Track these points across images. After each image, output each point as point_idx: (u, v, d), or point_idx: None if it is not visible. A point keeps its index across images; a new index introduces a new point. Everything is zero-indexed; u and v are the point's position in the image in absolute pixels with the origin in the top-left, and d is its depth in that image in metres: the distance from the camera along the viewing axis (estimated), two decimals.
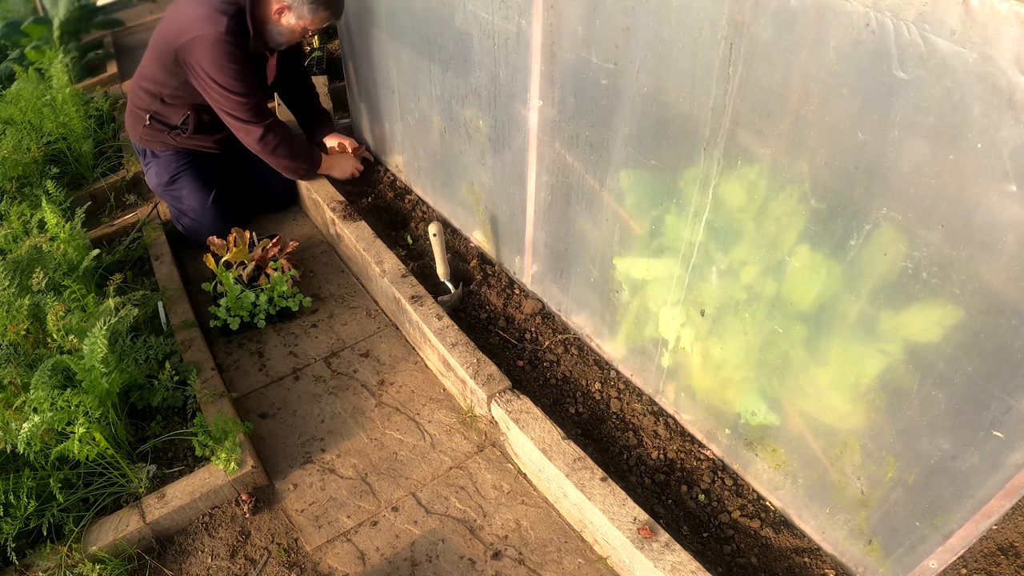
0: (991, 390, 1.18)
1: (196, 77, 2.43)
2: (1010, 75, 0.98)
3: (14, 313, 1.98)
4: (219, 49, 2.34)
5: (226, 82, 2.40)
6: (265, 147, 2.60)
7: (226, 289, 2.41)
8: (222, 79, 2.40)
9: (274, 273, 2.49)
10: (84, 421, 1.72)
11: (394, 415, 2.16)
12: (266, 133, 2.57)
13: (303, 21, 2.43)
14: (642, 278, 1.86)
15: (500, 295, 2.44)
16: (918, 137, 1.12)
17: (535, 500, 1.91)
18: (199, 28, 2.34)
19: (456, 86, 2.27)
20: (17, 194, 2.89)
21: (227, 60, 2.37)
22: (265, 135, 2.57)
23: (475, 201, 2.49)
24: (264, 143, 2.59)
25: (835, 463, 1.54)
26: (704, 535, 1.76)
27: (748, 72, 1.32)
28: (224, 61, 2.36)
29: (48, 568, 1.71)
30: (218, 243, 2.54)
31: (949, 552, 1.39)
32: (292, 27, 2.45)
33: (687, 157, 1.54)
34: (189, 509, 1.86)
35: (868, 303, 1.32)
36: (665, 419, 2.00)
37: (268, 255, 2.56)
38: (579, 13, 1.64)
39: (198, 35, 2.34)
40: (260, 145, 2.59)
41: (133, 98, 2.67)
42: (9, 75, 3.94)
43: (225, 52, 2.35)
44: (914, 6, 1.04)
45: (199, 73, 2.40)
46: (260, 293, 2.44)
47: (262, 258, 2.55)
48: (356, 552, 1.81)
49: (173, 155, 2.70)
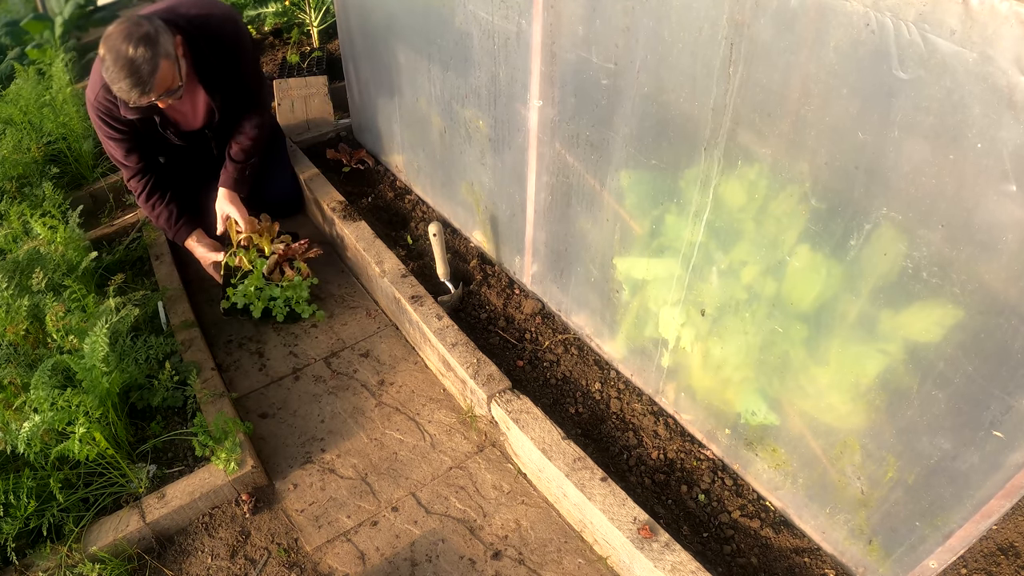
0: (991, 390, 1.18)
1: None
2: (1010, 75, 0.98)
3: (14, 313, 1.98)
4: (93, 117, 2.33)
5: (105, 145, 2.41)
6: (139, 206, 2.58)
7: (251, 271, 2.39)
8: (101, 143, 2.41)
9: (294, 274, 2.48)
10: (84, 421, 1.72)
11: (394, 415, 2.16)
12: (138, 194, 2.51)
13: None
14: (642, 278, 1.86)
15: (500, 295, 2.44)
16: (918, 137, 1.12)
17: (535, 500, 1.91)
18: (88, 89, 2.32)
19: (456, 86, 2.27)
20: (17, 194, 2.89)
21: (98, 129, 2.36)
22: (138, 196, 2.52)
23: (475, 201, 2.49)
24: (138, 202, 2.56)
25: (835, 463, 1.54)
26: (704, 535, 1.76)
27: (748, 72, 1.32)
28: (96, 129, 2.37)
29: (48, 568, 1.71)
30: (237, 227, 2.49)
31: (949, 552, 1.39)
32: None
33: (687, 157, 1.54)
34: (189, 509, 1.86)
35: (868, 303, 1.32)
36: (665, 419, 2.00)
37: (293, 253, 2.53)
38: (579, 13, 1.64)
39: (86, 96, 2.34)
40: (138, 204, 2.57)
41: None
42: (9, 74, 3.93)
43: (95, 122, 2.33)
44: (914, 6, 1.04)
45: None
46: (283, 290, 2.44)
47: (285, 254, 2.52)
48: (356, 552, 1.81)
49: None
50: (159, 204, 2.52)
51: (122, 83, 2.01)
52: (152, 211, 2.54)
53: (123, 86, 2.02)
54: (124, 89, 2.03)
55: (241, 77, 2.44)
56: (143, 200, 2.52)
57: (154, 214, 2.55)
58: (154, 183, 2.49)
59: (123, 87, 2.02)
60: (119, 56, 1.99)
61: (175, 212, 2.55)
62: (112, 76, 2.01)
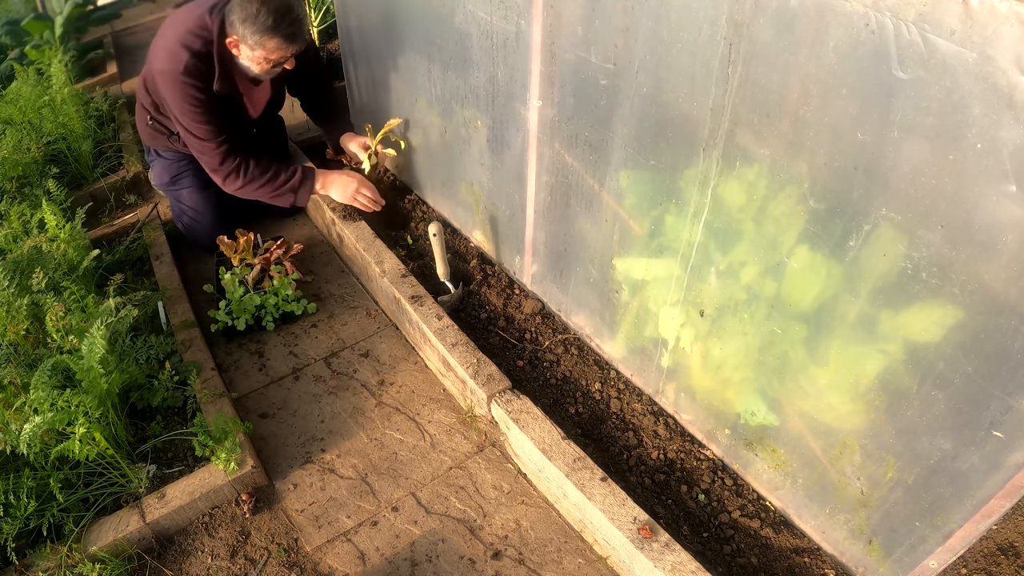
0: (991, 390, 1.18)
1: (166, 108, 2.39)
2: (1010, 75, 0.97)
3: (14, 313, 1.98)
4: (179, 90, 2.27)
5: (186, 122, 2.35)
6: (233, 190, 2.50)
7: (229, 290, 2.41)
8: (183, 119, 2.34)
9: (278, 276, 2.49)
10: (84, 421, 1.72)
11: (394, 415, 2.16)
12: (228, 175, 2.45)
13: (257, 52, 2.25)
14: (642, 278, 1.86)
15: (500, 295, 2.44)
16: (918, 137, 1.12)
17: (535, 500, 1.91)
18: (164, 61, 2.27)
19: (456, 86, 2.27)
20: (17, 194, 2.89)
21: (184, 101, 2.29)
22: (227, 177, 2.46)
23: (475, 201, 2.49)
24: (228, 186, 2.49)
25: (835, 463, 1.54)
26: (704, 535, 1.76)
27: (747, 72, 1.32)
28: (183, 102, 2.29)
29: (48, 568, 1.71)
30: (227, 243, 2.54)
31: (949, 552, 1.39)
32: (253, 59, 2.28)
33: (686, 157, 1.54)
34: (189, 509, 1.86)
35: (868, 303, 1.32)
36: (665, 419, 2.00)
37: (272, 257, 2.56)
38: (578, 13, 1.64)
39: (161, 69, 2.28)
40: (229, 189, 2.51)
41: (140, 94, 2.62)
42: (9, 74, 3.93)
43: (184, 93, 2.27)
44: (914, 6, 1.04)
45: (166, 106, 2.37)
46: (266, 296, 2.44)
47: (266, 260, 2.54)
48: (356, 552, 1.82)
49: (174, 156, 2.70)
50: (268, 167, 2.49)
51: (281, 33, 2.16)
52: (262, 177, 2.47)
53: (284, 34, 2.17)
54: (288, 36, 2.19)
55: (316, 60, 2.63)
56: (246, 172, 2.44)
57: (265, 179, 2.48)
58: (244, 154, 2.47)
59: (283, 37, 2.17)
60: (282, 4, 2.14)
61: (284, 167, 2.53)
62: (270, 25, 2.14)
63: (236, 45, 2.27)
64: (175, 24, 2.33)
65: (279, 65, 2.34)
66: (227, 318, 2.40)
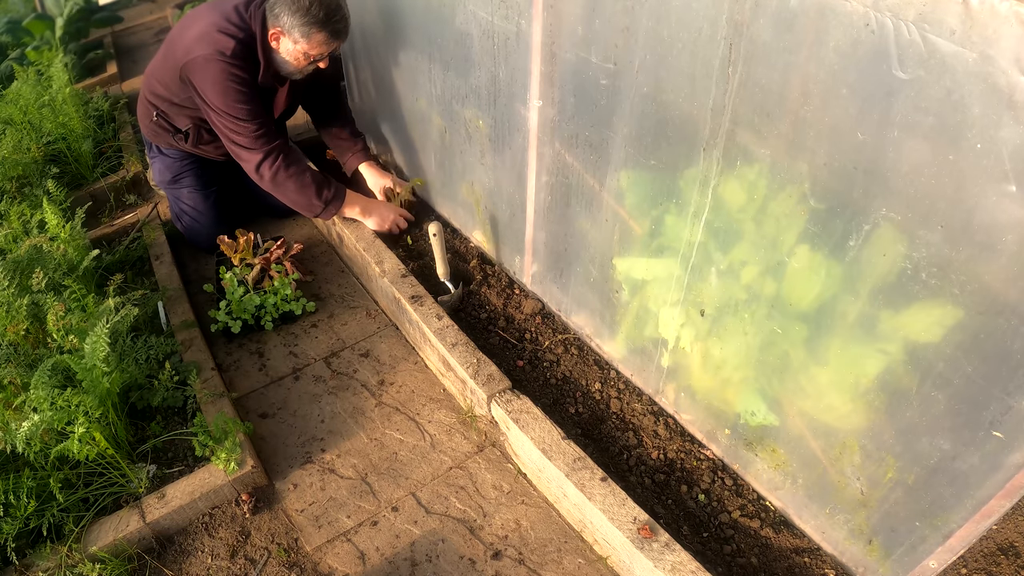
0: (991, 390, 1.18)
1: (199, 98, 2.34)
2: (1010, 75, 0.97)
3: (14, 313, 1.98)
4: (221, 70, 2.23)
5: (227, 105, 2.28)
6: (262, 177, 2.42)
7: (229, 290, 2.41)
8: (223, 102, 2.28)
9: (277, 276, 2.49)
10: (84, 421, 1.72)
11: (394, 415, 2.16)
12: (264, 159, 2.38)
13: (300, 46, 2.24)
14: (642, 278, 1.86)
15: (500, 295, 2.44)
16: (918, 137, 1.12)
17: (535, 500, 1.91)
18: (203, 47, 2.23)
19: (456, 86, 2.27)
20: (17, 194, 2.89)
21: (229, 81, 2.25)
22: (263, 161, 2.38)
23: (475, 201, 2.49)
24: (261, 171, 2.40)
25: (835, 463, 1.54)
26: (704, 535, 1.76)
27: (747, 72, 1.32)
28: (226, 82, 2.25)
29: (48, 568, 1.71)
30: (227, 243, 2.54)
31: (949, 552, 1.39)
32: (292, 53, 2.28)
33: (687, 157, 1.54)
34: (189, 509, 1.86)
35: (868, 303, 1.32)
36: (665, 419, 2.00)
37: (272, 257, 2.56)
38: (579, 13, 1.64)
39: (201, 55, 2.24)
40: (258, 175, 2.42)
41: (145, 89, 2.60)
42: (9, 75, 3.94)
43: (227, 73, 2.24)
44: (914, 6, 1.04)
45: (201, 94, 2.32)
46: (266, 296, 2.44)
47: (266, 260, 2.55)
48: (356, 552, 1.82)
49: (177, 154, 2.69)
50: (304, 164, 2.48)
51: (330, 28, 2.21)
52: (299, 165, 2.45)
53: (332, 30, 2.23)
54: (335, 32, 2.24)
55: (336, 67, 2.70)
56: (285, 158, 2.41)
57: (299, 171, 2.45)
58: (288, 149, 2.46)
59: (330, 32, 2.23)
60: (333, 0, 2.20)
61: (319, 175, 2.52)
62: (321, 18, 2.18)
63: (278, 37, 2.26)
64: (201, 17, 2.31)
65: (315, 62, 2.34)
66: (227, 318, 2.40)
